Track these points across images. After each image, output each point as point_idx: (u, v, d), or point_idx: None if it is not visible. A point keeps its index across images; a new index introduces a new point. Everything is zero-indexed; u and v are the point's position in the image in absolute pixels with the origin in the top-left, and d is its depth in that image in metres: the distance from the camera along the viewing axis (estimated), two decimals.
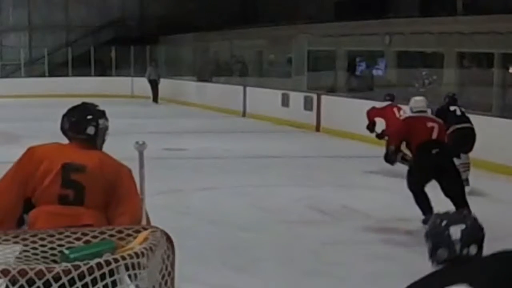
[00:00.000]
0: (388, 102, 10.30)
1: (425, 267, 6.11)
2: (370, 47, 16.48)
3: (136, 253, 1.66)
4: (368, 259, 5.98)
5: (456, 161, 7.84)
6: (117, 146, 7.79)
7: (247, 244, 6.37)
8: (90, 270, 1.57)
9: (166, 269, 1.77)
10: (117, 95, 22.66)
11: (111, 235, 1.82)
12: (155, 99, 21.83)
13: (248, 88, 18.00)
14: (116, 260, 1.61)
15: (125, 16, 27.63)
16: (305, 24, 18.29)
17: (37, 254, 1.77)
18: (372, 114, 10.25)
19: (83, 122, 3.46)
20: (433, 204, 7.01)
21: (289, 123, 15.31)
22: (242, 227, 6.95)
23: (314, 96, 15.06)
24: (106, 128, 3.62)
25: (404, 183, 9.38)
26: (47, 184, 3.09)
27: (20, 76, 25.22)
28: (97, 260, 1.60)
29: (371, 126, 10.22)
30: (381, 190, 8.90)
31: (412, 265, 5.89)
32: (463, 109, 9.04)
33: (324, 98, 14.93)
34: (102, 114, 3.64)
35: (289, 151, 12.08)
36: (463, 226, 2.85)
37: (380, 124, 10.14)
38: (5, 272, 1.56)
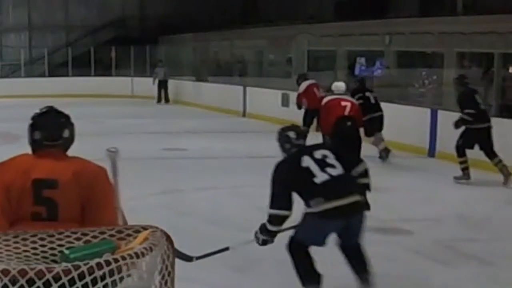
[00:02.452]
0: (308, 82, 12.72)
1: (425, 267, 6.14)
2: (370, 47, 16.47)
3: (136, 253, 1.66)
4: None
5: (376, 134, 10.61)
6: (117, 146, 7.81)
7: (247, 244, 6.36)
8: (90, 270, 1.57)
9: (166, 269, 1.77)
10: (117, 95, 22.67)
11: (111, 235, 1.82)
12: (167, 99, 21.82)
13: (248, 88, 18.00)
14: (116, 260, 1.61)
15: (125, 16, 27.65)
16: (305, 24, 18.29)
17: (37, 254, 1.77)
18: (299, 99, 12.61)
19: (59, 127, 3.30)
20: None
21: (289, 123, 15.27)
22: (242, 227, 6.94)
23: None
24: (74, 128, 3.41)
25: (404, 183, 9.40)
26: (20, 202, 2.95)
27: (20, 76, 25.22)
28: (97, 260, 1.59)
29: (299, 108, 12.62)
30: (381, 190, 8.86)
31: (412, 265, 5.90)
32: (375, 96, 10.97)
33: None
34: (68, 115, 3.45)
35: None
36: (293, 131, 5.18)
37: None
38: (5, 272, 1.56)
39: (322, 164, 4.72)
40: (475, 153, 10.25)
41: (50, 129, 3.28)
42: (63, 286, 1.60)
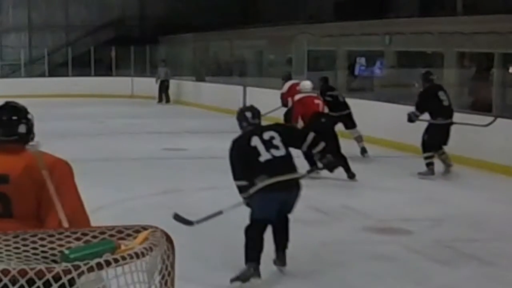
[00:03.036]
0: (291, 82, 12.93)
1: (425, 267, 6.13)
2: (370, 47, 16.47)
3: (136, 253, 1.66)
4: (368, 259, 5.98)
5: (355, 132, 11.34)
6: (117, 146, 7.81)
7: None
8: (90, 270, 1.57)
9: (166, 269, 1.77)
10: (117, 95, 22.68)
11: (111, 235, 1.82)
12: (167, 99, 21.82)
13: (248, 88, 18.00)
14: (116, 260, 1.61)
15: (125, 16, 27.64)
16: (305, 24, 18.29)
17: (37, 254, 1.77)
18: (284, 98, 12.74)
19: (14, 122, 3.16)
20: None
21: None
22: (242, 227, 6.94)
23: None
24: (33, 123, 3.31)
25: (404, 183, 9.40)
26: None
27: (20, 76, 25.22)
28: (97, 260, 1.59)
29: (285, 106, 12.60)
30: (381, 190, 8.90)
31: (412, 265, 5.90)
32: (343, 95, 11.66)
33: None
34: (26, 109, 3.31)
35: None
36: (250, 111, 5.69)
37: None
38: (5, 272, 1.56)
39: (268, 145, 5.40)
40: (475, 153, 10.25)
41: (5, 124, 3.15)
42: (63, 286, 1.60)
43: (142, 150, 11.92)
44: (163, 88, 21.96)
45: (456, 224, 7.26)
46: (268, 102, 16.61)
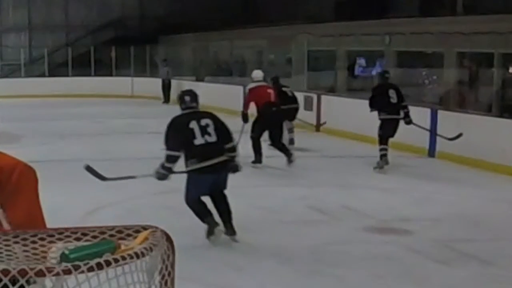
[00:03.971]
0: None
1: (425, 267, 6.13)
2: (370, 47, 16.48)
3: (136, 253, 1.66)
4: (368, 259, 5.98)
5: (289, 124, 11.99)
6: (117, 146, 7.81)
7: (247, 244, 6.37)
8: (90, 270, 1.57)
9: (166, 269, 1.77)
10: (117, 95, 22.68)
11: (111, 235, 1.82)
12: (168, 99, 21.86)
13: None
14: (116, 260, 1.61)
15: (125, 16, 27.65)
16: (305, 24, 18.29)
17: (37, 254, 1.77)
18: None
19: None
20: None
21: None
22: (242, 227, 6.95)
23: (314, 96, 15.06)
24: None
25: (404, 183, 9.41)
26: None
27: (20, 76, 25.23)
28: (97, 260, 1.59)
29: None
30: (381, 190, 8.90)
31: (412, 265, 5.90)
32: (292, 91, 12.42)
33: (324, 98, 14.94)
34: None
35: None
36: (189, 95, 6.56)
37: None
38: (5, 272, 1.56)
39: (203, 130, 6.27)
40: (475, 153, 10.26)
41: None
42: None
43: (142, 150, 11.90)
44: (165, 87, 21.97)
45: (456, 224, 7.26)
46: None
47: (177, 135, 6.36)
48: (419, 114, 11.69)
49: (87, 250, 1.65)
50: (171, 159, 6.38)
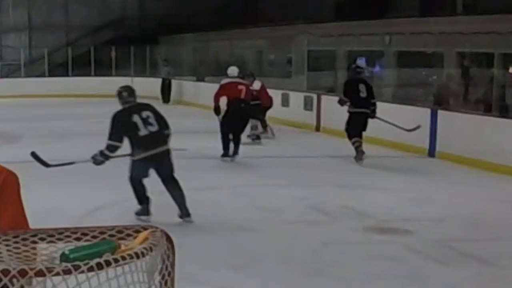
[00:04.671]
0: (261, 82, 13.84)
1: (425, 267, 6.12)
2: (370, 47, 16.48)
3: (136, 253, 1.66)
4: (368, 259, 5.98)
5: (254, 122, 12.60)
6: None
7: (247, 244, 6.38)
8: (90, 270, 1.57)
9: (166, 269, 1.77)
10: None
11: (111, 235, 1.82)
12: (168, 98, 21.86)
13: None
14: (116, 260, 1.61)
15: (125, 16, 27.65)
16: (305, 24, 18.29)
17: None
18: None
19: None
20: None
21: (289, 123, 15.30)
22: (242, 227, 6.95)
23: (314, 96, 15.07)
24: None
25: (404, 183, 9.41)
26: None
27: (20, 76, 25.23)
28: (97, 260, 1.59)
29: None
30: (381, 190, 8.91)
31: (412, 265, 5.90)
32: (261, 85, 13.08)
33: (324, 98, 14.94)
34: None
35: (289, 151, 12.08)
36: (126, 91, 7.27)
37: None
38: (5, 272, 1.56)
39: (146, 122, 6.86)
40: (475, 153, 10.26)
41: None
42: None
43: None
44: (165, 87, 21.95)
45: (456, 224, 7.26)
46: None
47: (121, 129, 6.87)
48: (419, 114, 11.71)
49: (87, 250, 1.65)
50: (112, 149, 6.93)
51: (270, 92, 16.66)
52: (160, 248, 1.72)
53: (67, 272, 1.55)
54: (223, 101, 10.92)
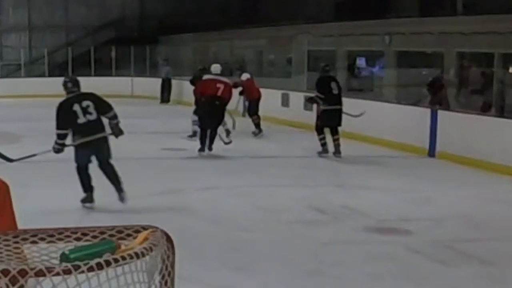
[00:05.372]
0: (247, 75, 14.76)
1: (425, 267, 6.12)
2: (370, 47, 16.47)
3: (136, 253, 1.66)
4: (368, 259, 5.98)
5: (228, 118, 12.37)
6: (117, 146, 7.83)
7: (247, 244, 6.38)
8: (90, 270, 1.57)
9: (166, 269, 1.77)
10: (117, 95, 22.63)
11: (111, 235, 1.82)
12: (168, 98, 21.86)
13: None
14: (116, 260, 1.61)
15: (125, 16, 27.65)
16: (305, 24, 18.28)
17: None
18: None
19: None
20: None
21: (289, 123, 15.30)
22: (242, 227, 6.95)
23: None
24: None
25: (404, 183, 9.40)
26: None
27: (20, 76, 25.23)
28: (97, 260, 1.59)
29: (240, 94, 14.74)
30: (381, 190, 8.90)
31: (412, 265, 5.90)
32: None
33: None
34: None
35: (289, 151, 12.08)
36: (71, 82, 8.09)
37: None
38: (5, 272, 1.56)
39: (85, 111, 7.46)
40: (480, 154, 10.26)
41: None
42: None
43: (142, 150, 11.92)
44: (165, 87, 21.95)
45: (456, 224, 7.26)
46: (268, 101, 16.66)
47: (64, 117, 7.53)
48: (419, 114, 11.71)
49: (87, 250, 1.65)
50: (61, 136, 7.58)
51: (272, 92, 16.79)
52: (160, 248, 1.72)
53: (67, 272, 1.55)
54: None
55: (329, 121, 11.18)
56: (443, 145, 10.96)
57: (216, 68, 11.98)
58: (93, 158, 7.61)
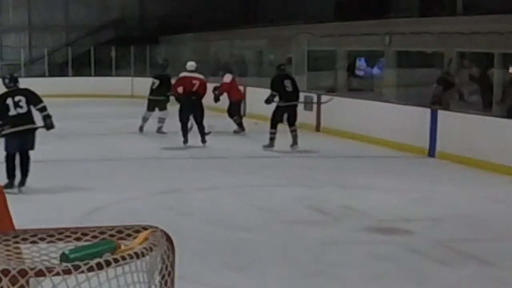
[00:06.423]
0: (231, 76, 14.95)
1: (425, 267, 6.12)
2: (370, 47, 16.48)
3: (136, 253, 1.66)
4: (368, 259, 5.98)
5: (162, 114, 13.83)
6: (117, 146, 7.83)
7: (247, 244, 6.37)
8: (90, 270, 1.57)
9: (166, 269, 1.77)
10: (117, 95, 22.66)
11: (111, 235, 1.82)
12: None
13: (248, 88, 17.99)
14: (116, 260, 1.61)
15: (125, 16, 27.65)
16: (305, 24, 18.28)
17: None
18: (222, 89, 14.88)
19: None
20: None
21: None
22: (242, 227, 6.95)
23: (314, 96, 15.05)
24: None
25: (404, 183, 9.41)
26: None
27: (20, 76, 25.15)
28: (97, 260, 1.59)
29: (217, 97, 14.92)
30: (381, 190, 8.90)
31: (412, 265, 5.90)
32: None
33: (324, 98, 14.93)
34: None
35: (289, 151, 12.07)
36: (8, 79, 8.64)
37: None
38: (5, 272, 1.56)
39: (16, 104, 8.20)
40: (474, 153, 10.26)
41: None
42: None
43: (142, 150, 11.92)
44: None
45: (456, 224, 7.26)
46: None
47: (0, 110, 8.23)
48: (419, 114, 11.71)
49: (87, 250, 1.65)
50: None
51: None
52: (160, 248, 1.72)
53: (67, 272, 1.55)
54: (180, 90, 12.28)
55: (282, 117, 11.76)
56: (443, 145, 10.96)
57: (191, 65, 12.66)
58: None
